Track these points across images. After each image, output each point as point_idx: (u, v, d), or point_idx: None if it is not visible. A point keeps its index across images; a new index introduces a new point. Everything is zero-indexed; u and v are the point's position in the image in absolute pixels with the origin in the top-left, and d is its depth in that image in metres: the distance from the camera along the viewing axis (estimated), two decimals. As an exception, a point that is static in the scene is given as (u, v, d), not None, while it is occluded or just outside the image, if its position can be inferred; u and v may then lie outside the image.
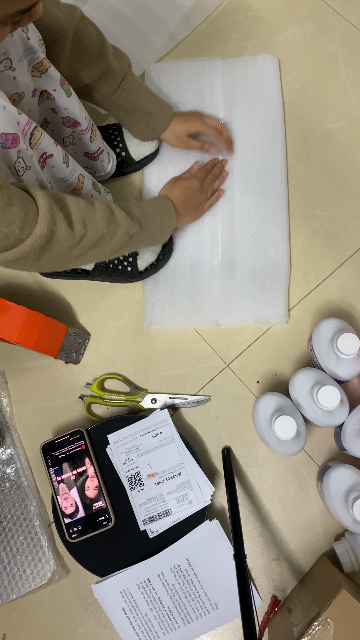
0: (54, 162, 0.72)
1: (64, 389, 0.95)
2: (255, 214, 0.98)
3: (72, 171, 0.77)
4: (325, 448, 0.89)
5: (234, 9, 1.11)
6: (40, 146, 0.68)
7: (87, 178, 0.81)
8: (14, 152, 0.62)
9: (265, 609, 0.84)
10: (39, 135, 0.67)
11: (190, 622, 0.83)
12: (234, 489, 0.83)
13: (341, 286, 0.95)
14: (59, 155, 0.73)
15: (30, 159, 0.66)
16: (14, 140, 0.61)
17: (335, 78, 1.05)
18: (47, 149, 0.70)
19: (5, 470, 0.91)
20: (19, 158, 0.64)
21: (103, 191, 0.89)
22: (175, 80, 1.06)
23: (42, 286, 1.00)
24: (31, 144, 0.66)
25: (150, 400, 0.92)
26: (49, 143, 0.70)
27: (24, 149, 0.64)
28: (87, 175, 0.81)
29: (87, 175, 0.81)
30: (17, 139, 0.62)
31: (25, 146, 0.64)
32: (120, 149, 0.98)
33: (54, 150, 0.71)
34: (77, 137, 0.84)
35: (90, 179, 0.83)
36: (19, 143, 0.63)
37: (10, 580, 0.87)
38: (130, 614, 0.83)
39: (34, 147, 0.67)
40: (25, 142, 0.64)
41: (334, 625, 0.69)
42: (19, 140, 0.62)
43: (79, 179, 0.79)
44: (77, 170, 0.78)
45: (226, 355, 0.94)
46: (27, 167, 0.66)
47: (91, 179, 0.83)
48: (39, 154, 0.69)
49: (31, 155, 0.66)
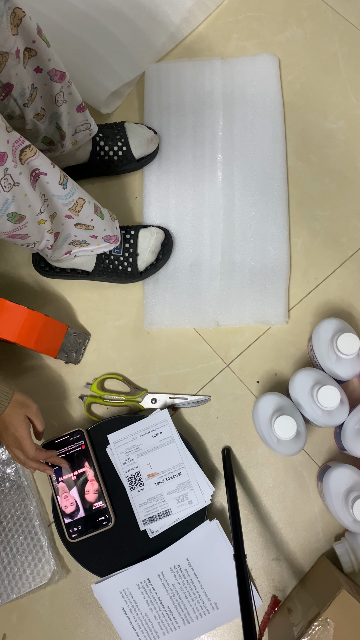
0: (48, 179, 0.71)
1: (64, 389, 0.95)
2: (255, 214, 0.98)
3: (69, 193, 0.75)
4: (325, 448, 0.89)
5: (234, 9, 1.11)
6: (32, 163, 0.67)
7: (88, 202, 0.79)
8: (1, 169, 0.62)
9: (265, 609, 0.84)
10: (32, 154, 0.66)
11: (190, 622, 0.83)
12: (234, 489, 0.83)
13: (341, 286, 0.95)
14: (56, 176, 0.71)
15: (19, 175, 0.65)
16: (1, 158, 0.61)
17: (335, 78, 1.05)
18: (40, 167, 0.69)
19: (5, 470, 0.91)
20: (6, 175, 0.63)
21: (108, 216, 0.86)
22: (175, 80, 1.06)
23: (42, 286, 1.00)
24: (21, 159, 0.65)
25: (150, 400, 0.92)
26: (44, 162, 0.69)
27: (11, 166, 0.63)
28: (90, 200, 0.80)
29: (89, 200, 0.79)
30: (4, 157, 0.61)
31: (14, 163, 0.63)
32: (123, 143, 0.98)
33: (50, 170, 0.70)
34: (66, 92, 0.80)
35: (92, 203, 0.80)
36: (6, 161, 0.62)
37: (10, 580, 0.87)
38: (130, 613, 0.83)
39: (25, 163, 0.66)
40: (15, 159, 0.64)
41: (334, 625, 0.69)
42: (6, 158, 0.62)
43: (78, 202, 0.77)
44: (76, 193, 0.76)
45: (226, 355, 0.94)
46: (15, 183, 0.65)
47: (94, 203, 0.81)
48: (29, 170, 0.68)
49: (20, 172, 0.65)
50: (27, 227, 0.72)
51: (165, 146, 1.03)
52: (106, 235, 0.86)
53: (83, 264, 0.94)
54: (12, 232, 0.72)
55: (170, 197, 1.01)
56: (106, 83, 1.02)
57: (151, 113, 1.05)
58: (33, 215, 0.71)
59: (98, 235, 0.85)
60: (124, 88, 1.07)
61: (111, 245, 0.90)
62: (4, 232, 0.71)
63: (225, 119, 1.03)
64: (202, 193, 1.00)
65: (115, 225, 0.89)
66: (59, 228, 0.81)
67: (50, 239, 0.80)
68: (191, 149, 1.02)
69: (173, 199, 1.01)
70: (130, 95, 1.08)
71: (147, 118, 1.05)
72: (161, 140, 1.03)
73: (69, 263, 0.94)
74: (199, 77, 1.06)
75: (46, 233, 0.78)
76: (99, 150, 0.97)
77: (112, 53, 1.04)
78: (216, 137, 1.03)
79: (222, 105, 1.04)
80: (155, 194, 1.01)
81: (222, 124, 1.03)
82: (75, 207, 0.77)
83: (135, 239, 0.94)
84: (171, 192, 1.01)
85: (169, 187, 1.01)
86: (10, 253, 1.02)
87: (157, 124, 1.04)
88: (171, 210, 1.00)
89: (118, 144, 0.98)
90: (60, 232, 0.82)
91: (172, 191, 1.01)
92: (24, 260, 1.00)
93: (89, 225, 0.82)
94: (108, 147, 0.97)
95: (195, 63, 1.07)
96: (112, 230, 0.87)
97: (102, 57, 1.04)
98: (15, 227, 0.70)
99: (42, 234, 0.77)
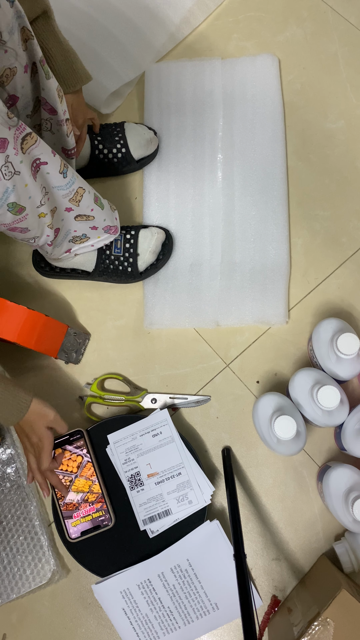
0: (48, 169, 0.71)
1: (64, 389, 0.95)
2: (255, 214, 0.98)
3: (69, 182, 0.75)
4: (325, 448, 0.89)
5: (234, 9, 1.11)
6: (33, 152, 0.67)
7: (88, 192, 0.79)
8: (2, 156, 0.61)
9: (265, 609, 0.84)
10: (32, 142, 0.65)
11: (190, 622, 0.83)
12: (234, 489, 0.83)
13: (341, 286, 0.95)
14: (56, 164, 0.71)
15: (20, 164, 0.65)
16: (2, 144, 0.60)
17: (335, 78, 1.05)
18: (41, 156, 0.68)
19: (5, 470, 0.91)
20: (7, 163, 0.62)
21: (108, 206, 0.86)
22: (175, 80, 1.06)
23: (42, 286, 1.00)
24: (22, 148, 0.64)
25: (150, 400, 0.92)
26: (45, 151, 0.68)
27: (12, 153, 0.63)
28: (90, 190, 0.79)
29: (89, 190, 0.79)
30: (5, 143, 0.61)
31: (15, 151, 0.63)
32: (122, 145, 0.98)
33: (50, 159, 0.69)
34: (55, 126, 0.80)
35: (92, 193, 0.81)
36: (7, 148, 0.61)
37: (10, 580, 0.87)
38: (130, 614, 0.83)
39: (26, 152, 0.65)
40: (17, 147, 0.63)
41: (334, 625, 0.69)
42: (7, 145, 0.61)
43: (78, 191, 0.77)
44: (76, 182, 0.76)
45: (226, 355, 0.94)
46: (16, 172, 0.64)
47: (94, 193, 0.81)
48: (30, 159, 0.67)
49: (21, 160, 0.65)
50: (27, 219, 0.71)
51: (165, 146, 1.03)
52: (106, 225, 0.86)
53: (83, 264, 0.94)
54: (12, 224, 0.71)
55: (170, 197, 1.01)
56: (106, 83, 1.02)
57: (151, 113, 1.05)
58: (33, 207, 0.71)
59: (98, 226, 0.85)
60: (124, 88, 1.07)
61: (111, 236, 0.89)
62: (3, 223, 0.70)
63: (225, 119, 1.03)
64: (202, 193, 1.00)
65: (115, 216, 0.89)
66: (59, 224, 0.81)
67: (51, 235, 0.80)
68: (191, 149, 1.02)
69: (173, 199, 1.01)
70: (130, 95, 1.08)
71: (147, 118, 1.05)
72: (161, 140, 1.03)
73: (69, 262, 0.94)
74: (199, 77, 1.06)
75: (46, 228, 0.77)
76: (97, 153, 0.97)
77: (112, 53, 1.04)
78: (216, 137, 1.03)
79: (222, 105, 1.04)
80: (155, 194, 1.01)
81: (222, 124, 1.03)
82: (75, 196, 0.77)
83: (136, 239, 0.94)
84: (171, 192, 1.01)
85: (169, 187, 1.01)
86: (10, 253, 1.02)
87: (157, 124, 1.04)
88: (171, 210, 1.00)
89: (117, 145, 0.98)
90: (61, 228, 0.82)
91: (172, 191, 1.01)
92: (24, 260, 1.00)
93: (90, 216, 0.82)
94: (107, 149, 0.97)
95: (195, 63, 1.07)
96: (112, 220, 0.87)
97: (102, 57, 1.04)
98: (15, 219, 0.70)
99: (42, 229, 0.77)
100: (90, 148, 0.97)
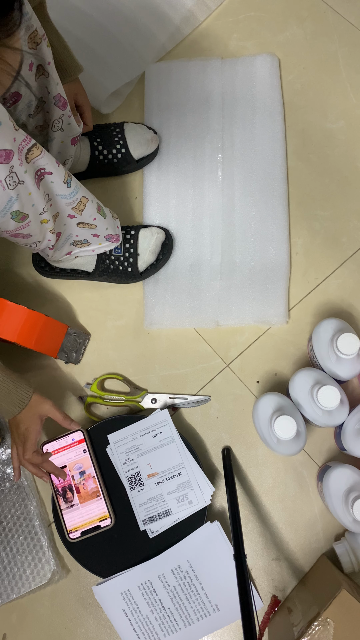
0: (53, 179, 0.71)
1: (64, 389, 0.95)
2: (255, 214, 0.98)
3: (73, 192, 0.75)
4: (325, 448, 0.89)
5: (234, 9, 1.11)
6: (37, 162, 0.67)
7: (91, 201, 0.79)
8: (7, 167, 0.62)
9: (265, 609, 0.84)
10: (38, 153, 0.66)
11: (191, 623, 0.83)
12: (234, 489, 0.83)
13: (341, 286, 0.95)
14: (60, 174, 0.71)
15: (24, 174, 0.65)
16: (7, 155, 0.61)
17: (335, 78, 1.05)
18: (46, 167, 0.69)
19: (5, 470, 0.91)
20: (12, 173, 0.63)
21: (110, 216, 0.86)
22: (175, 80, 1.06)
23: (42, 286, 1.00)
24: (27, 158, 0.65)
25: (150, 400, 0.92)
26: (50, 162, 0.69)
27: (17, 164, 0.63)
28: (93, 199, 0.80)
29: (92, 199, 0.80)
30: (10, 155, 0.61)
31: (19, 162, 0.63)
32: (121, 145, 0.98)
33: (55, 169, 0.70)
34: (65, 121, 0.81)
35: (95, 202, 0.81)
36: (12, 159, 0.62)
37: (10, 580, 0.87)
38: (131, 615, 0.83)
39: (30, 162, 0.66)
40: (21, 158, 0.64)
41: (334, 625, 0.69)
42: (12, 156, 0.62)
43: (82, 200, 0.77)
44: (80, 191, 0.76)
45: (226, 355, 0.94)
46: (20, 181, 0.65)
47: (96, 202, 0.81)
48: (35, 168, 0.68)
49: (25, 170, 0.65)
50: (29, 226, 0.72)
51: (165, 146, 1.03)
52: (108, 234, 0.86)
53: (83, 264, 0.94)
54: (15, 231, 0.72)
55: (171, 197, 1.01)
56: (106, 83, 1.02)
57: (151, 113, 1.05)
58: (36, 214, 0.71)
59: (100, 234, 0.85)
60: (124, 88, 1.07)
61: (112, 244, 0.90)
62: (6, 230, 0.71)
63: (225, 119, 1.03)
64: (202, 193, 1.00)
65: (117, 225, 0.89)
66: (61, 228, 0.81)
67: (52, 239, 0.80)
68: (191, 149, 1.02)
69: (173, 199, 1.01)
70: (130, 95, 1.08)
71: (147, 118, 1.05)
72: (161, 140, 1.03)
73: (69, 263, 0.94)
74: (199, 77, 1.06)
75: (48, 233, 0.78)
76: (97, 154, 0.97)
77: (112, 53, 1.04)
78: (216, 137, 1.03)
79: (222, 105, 1.04)
80: (155, 194, 1.01)
81: (222, 123, 1.03)
82: (78, 206, 0.77)
83: (136, 239, 0.94)
84: (171, 192, 1.01)
85: (169, 187, 1.01)
86: (10, 253, 1.02)
87: (157, 123, 1.04)
88: (171, 210, 1.00)
89: (116, 146, 0.98)
90: (62, 233, 0.82)
91: (172, 191, 1.01)
92: (24, 260, 1.00)
93: (92, 224, 0.82)
94: (107, 150, 0.97)
95: (195, 63, 1.07)
96: (114, 229, 0.87)
97: (102, 57, 1.04)
98: (18, 226, 0.70)
99: (44, 234, 0.77)
100: (90, 150, 0.97)
